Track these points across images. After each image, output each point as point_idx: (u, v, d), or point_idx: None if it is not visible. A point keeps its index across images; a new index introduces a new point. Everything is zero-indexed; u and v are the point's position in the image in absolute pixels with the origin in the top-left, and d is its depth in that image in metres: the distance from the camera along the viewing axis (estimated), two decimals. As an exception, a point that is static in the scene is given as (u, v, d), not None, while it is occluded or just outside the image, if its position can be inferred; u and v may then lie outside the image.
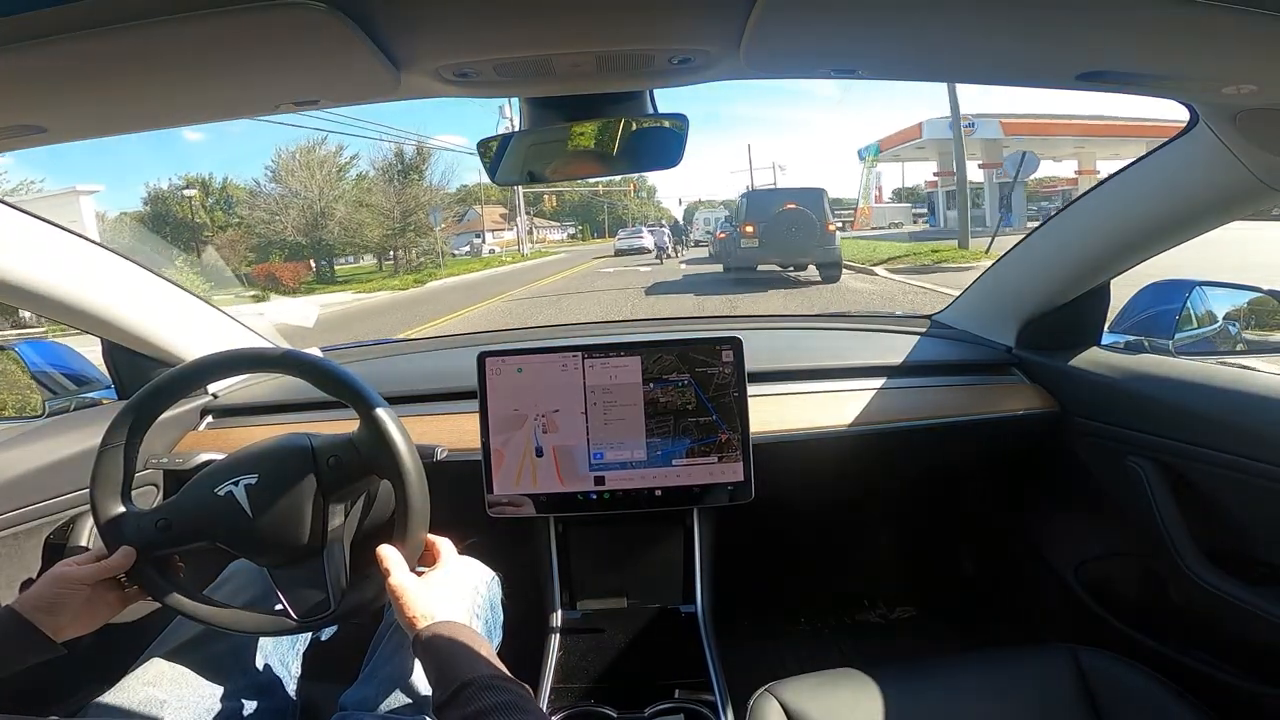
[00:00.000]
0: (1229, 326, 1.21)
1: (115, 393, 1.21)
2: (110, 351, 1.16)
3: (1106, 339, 1.22)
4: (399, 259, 22.56)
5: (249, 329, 1.33)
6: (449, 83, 0.61)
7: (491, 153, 0.80)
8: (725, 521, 1.20)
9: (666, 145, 0.77)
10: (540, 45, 0.56)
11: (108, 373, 1.20)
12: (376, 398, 0.74)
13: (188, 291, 1.21)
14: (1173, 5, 0.46)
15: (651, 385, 1.08)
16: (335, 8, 0.44)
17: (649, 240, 22.06)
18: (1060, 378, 1.20)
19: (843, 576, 1.65)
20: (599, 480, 1.08)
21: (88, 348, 1.28)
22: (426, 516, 0.73)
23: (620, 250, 22.55)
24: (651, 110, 0.75)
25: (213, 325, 1.24)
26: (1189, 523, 0.98)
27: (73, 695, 0.93)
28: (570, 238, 43.87)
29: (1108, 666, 0.84)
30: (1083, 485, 1.21)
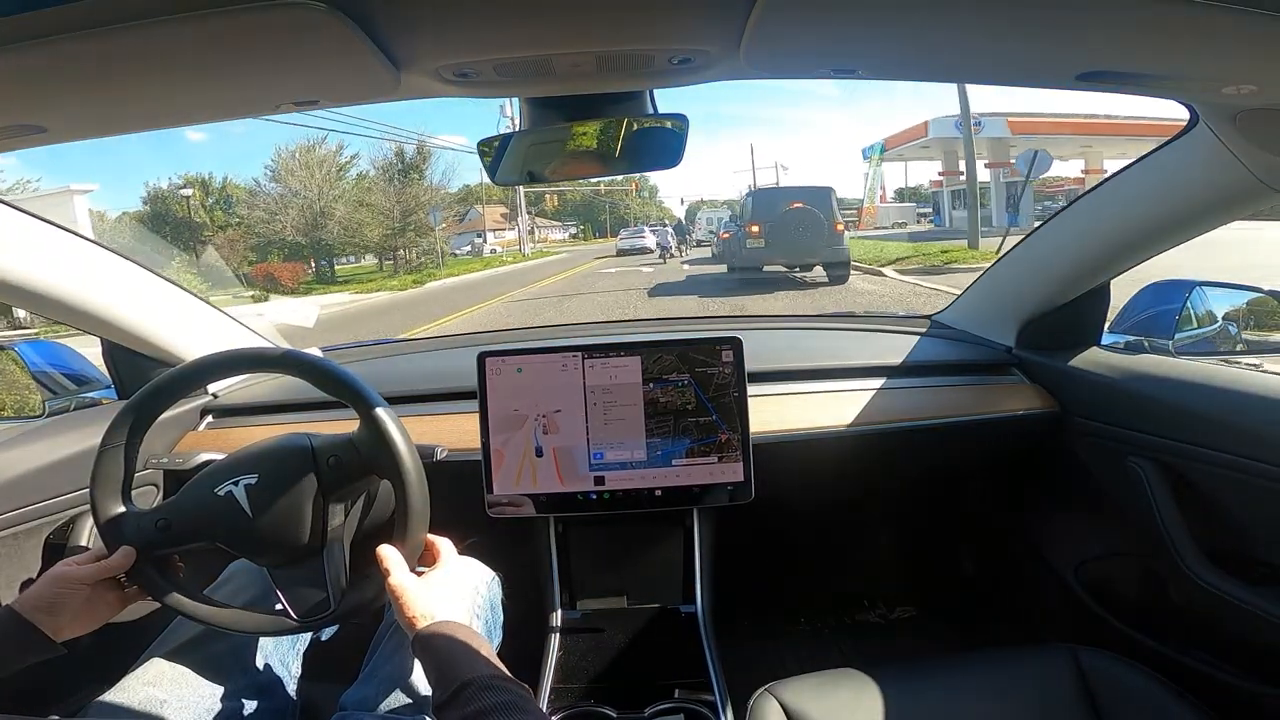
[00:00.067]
0: (1229, 326, 1.21)
1: (115, 393, 1.21)
2: (110, 351, 1.16)
3: (1106, 339, 1.22)
4: (399, 259, 22.53)
5: (249, 329, 1.33)
6: (449, 83, 0.61)
7: (492, 153, 0.80)
8: (725, 521, 1.20)
9: (667, 145, 0.77)
10: (540, 45, 0.56)
11: (108, 373, 1.20)
12: (376, 398, 0.74)
13: (188, 291, 1.21)
14: (1173, 5, 0.46)
15: (651, 385, 1.08)
16: (335, 8, 0.44)
17: (651, 240, 21.98)
18: (1060, 378, 1.20)
19: (843, 576, 1.65)
20: (599, 480, 1.08)
21: (88, 348, 1.28)
22: (426, 516, 0.73)
23: (622, 250, 22.45)
24: (651, 110, 0.75)
25: (213, 325, 1.24)
26: (1189, 523, 0.98)
27: (73, 695, 0.93)
28: (572, 237, 43.83)
29: (1108, 666, 0.84)
30: (1083, 485, 1.21)
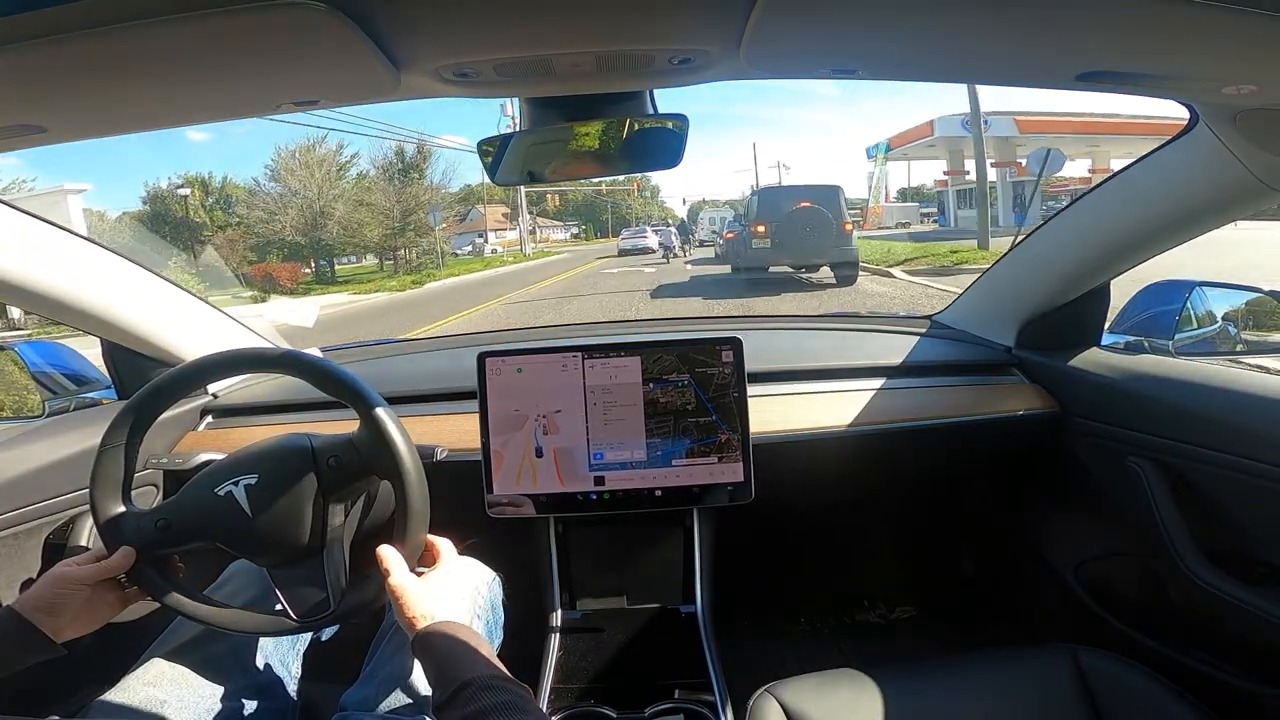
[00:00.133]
0: (1229, 327, 1.21)
1: (115, 393, 1.21)
2: (110, 351, 1.16)
3: (1106, 339, 1.22)
4: (399, 259, 22.50)
5: (249, 329, 1.33)
6: (449, 83, 0.61)
7: (492, 153, 0.80)
8: (725, 522, 1.20)
9: (667, 145, 0.77)
10: (540, 45, 0.56)
11: (108, 373, 1.20)
12: (376, 398, 0.74)
13: (187, 292, 1.21)
14: (1173, 5, 0.46)
15: (651, 385, 1.08)
16: (335, 8, 0.44)
17: (653, 240, 21.86)
18: (1060, 378, 1.20)
19: (843, 576, 1.65)
20: (599, 480, 1.08)
21: (89, 349, 1.28)
22: (426, 517, 0.73)
23: (624, 250, 22.32)
24: (652, 110, 0.75)
25: (213, 325, 1.24)
26: (1189, 523, 0.98)
27: (73, 695, 0.93)
28: (573, 237, 43.77)
29: (1107, 666, 0.84)
30: (1083, 485, 1.21)
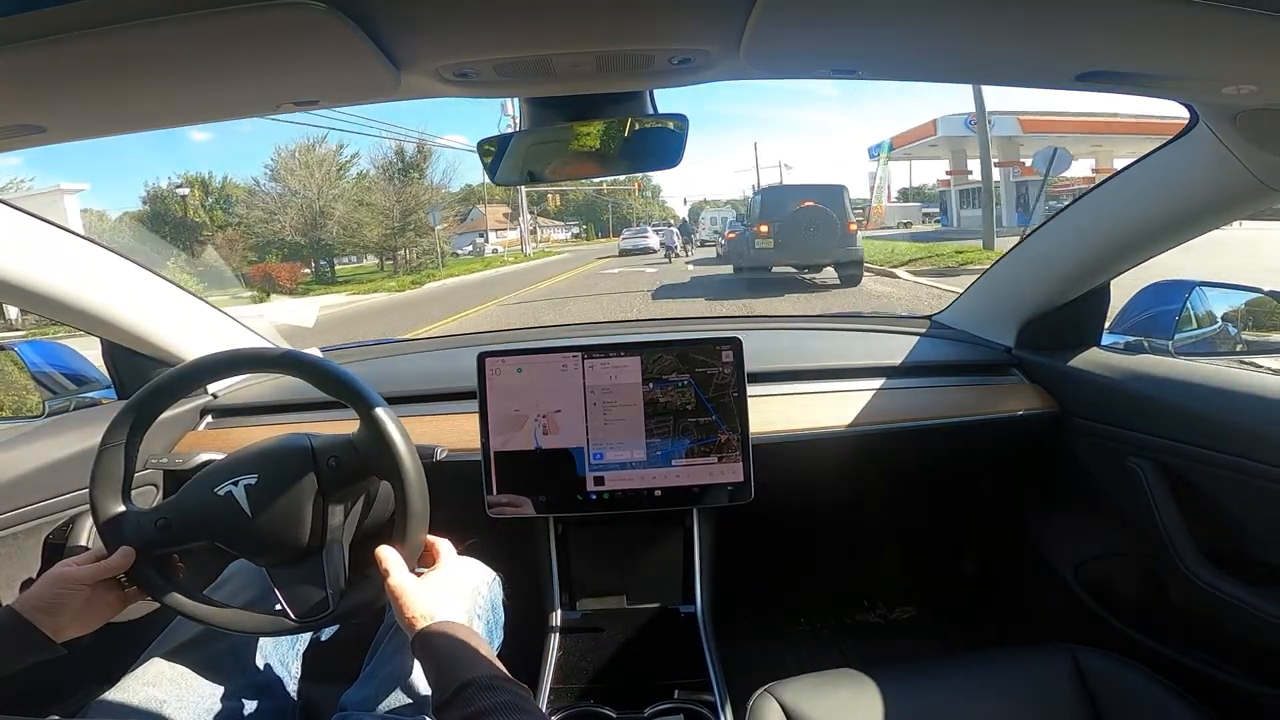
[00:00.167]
0: (1228, 327, 1.21)
1: (115, 393, 1.21)
2: (110, 351, 1.16)
3: (1106, 339, 1.22)
4: (399, 259, 22.48)
5: (249, 329, 1.33)
6: (449, 83, 0.61)
7: (492, 153, 0.80)
8: (725, 521, 1.20)
9: (666, 145, 0.77)
10: (540, 45, 0.56)
11: (108, 373, 1.20)
12: (376, 398, 0.74)
13: (187, 291, 1.21)
14: (1173, 5, 0.46)
15: (651, 385, 1.08)
16: (335, 8, 0.44)
17: (654, 240, 21.76)
18: (1060, 378, 1.20)
19: (843, 576, 1.65)
20: (598, 480, 1.08)
21: (89, 350, 1.28)
22: (426, 518, 0.73)
23: (625, 250, 22.21)
24: (651, 110, 0.75)
25: (213, 325, 1.25)
26: (1189, 523, 0.98)
27: (73, 695, 0.93)
28: (574, 237, 43.70)
29: (1107, 666, 0.84)
30: (1083, 485, 1.21)
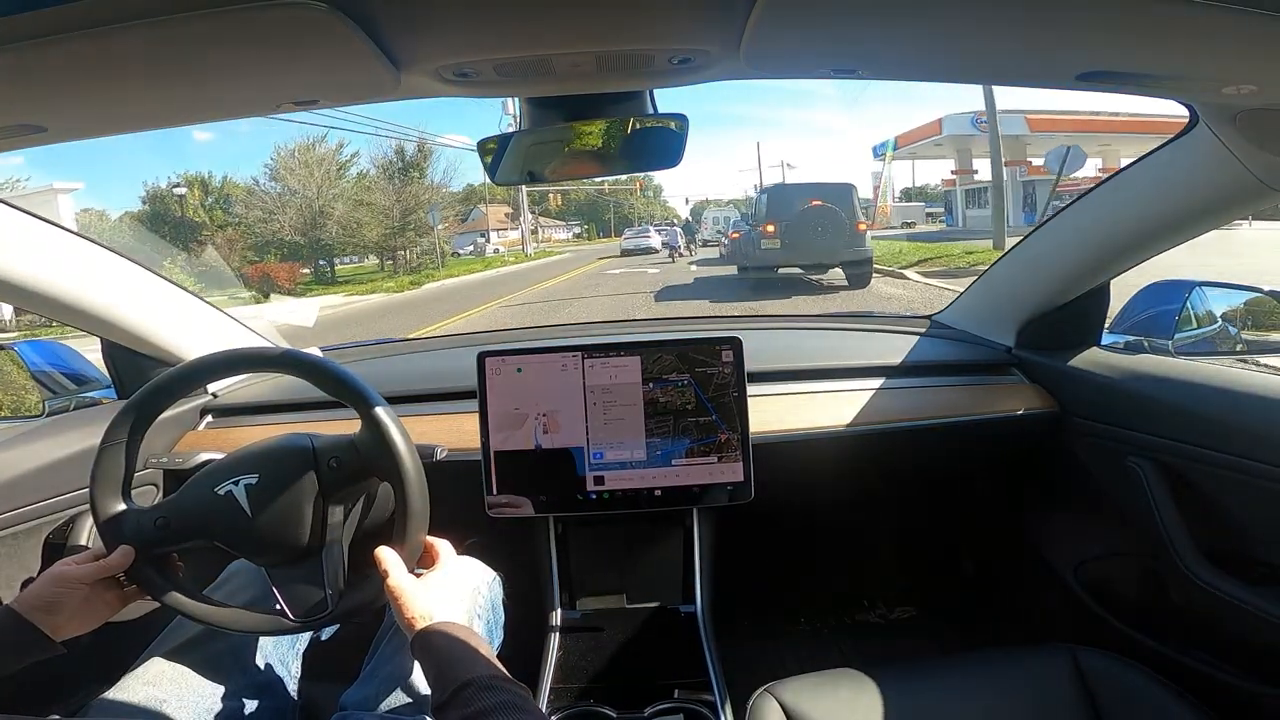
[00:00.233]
0: (1228, 327, 1.21)
1: (115, 393, 1.21)
2: (110, 351, 1.16)
3: (1106, 339, 1.22)
4: (399, 259, 22.43)
5: (248, 329, 1.33)
6: (449, 83, 0.61)
7: (492, 153, 0.80)
8: (725, 521, 1.20)
9: (666, 145, 0.77)
10: (540, 45, 0.56)
11: (108, 373, 1.20)
12: (377, 397, 0.74)
13: (187, 291, 1.21)
14: (1173, 5, 0.46)
15: (651, 385, 1.08)
16: (335, 8, 0.44)
17: (656, 240, 21.67)
18: (1060, 378, 1.20)
19: (843, 576, 1.65)
20: (598, 480, 1.08)
21: (89, 350, 1.28)
22: (426, 519, 0.73)
23: (627, 250, 22.08)
24: (651, 110, 0.75)
25: (212, 325, 1.25)
26: (1189, 523, 0.98)
27: (73, 695, 0.93)
28: (576, 237, 43.62)
29: (1107, 666, 0.84)
30: (1083, 485, 1.21)
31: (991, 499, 1.47)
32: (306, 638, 0.91)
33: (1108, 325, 1.23)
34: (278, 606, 0.74)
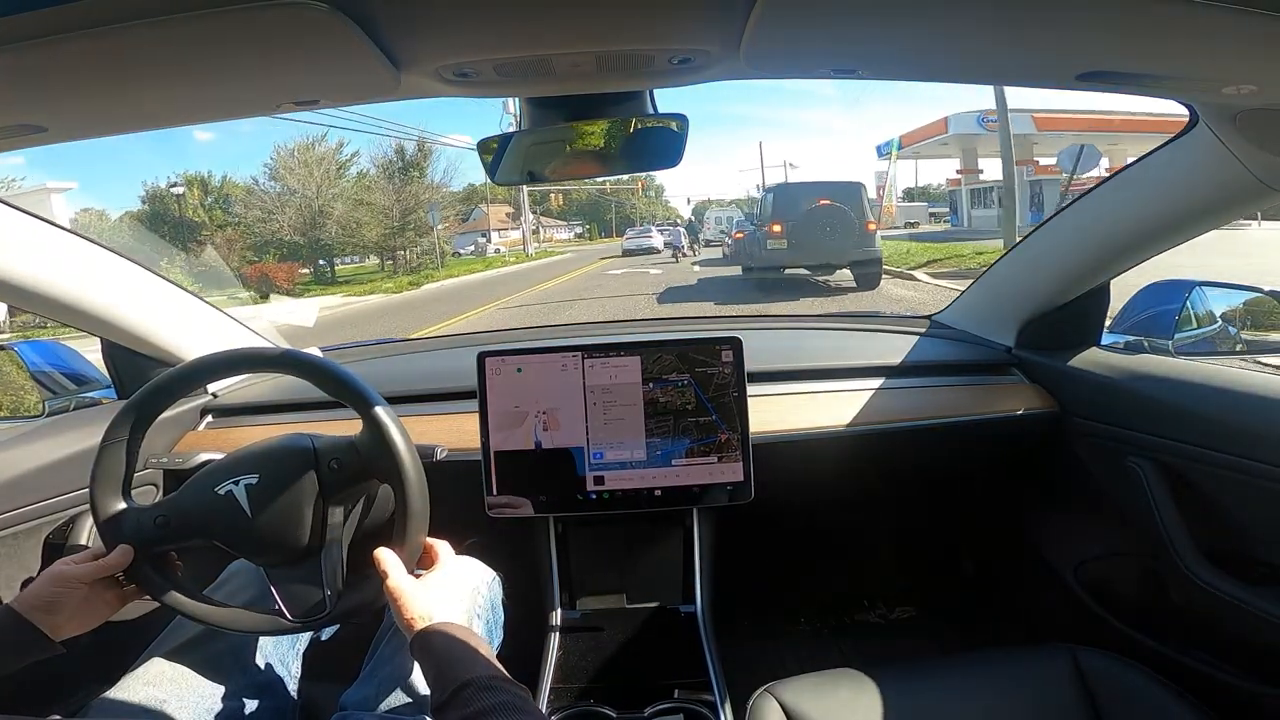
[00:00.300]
0: (1228, 327, 1.21)
1: (115, 393, 1.21)
2: (110, 351, 1.16)
3: (1106, 339, 1.22)
4: (399, 259, 22.38)
5: (248, 329, 1.33)
6: (449, 83, 0.61)
7: (492, 153, 0.80)
8: (725, 521, 1.20)
9: (666, 145, 0.77)
10: (540, 45, 0.56)
11: (108, 373, 1.20)
12: (377, 398, 0.73)
13: (187, 291, 1.21)
14: (1173, 5, 0.46)
15: (651, 385, 1.08)
16: (335, 8, 0.44)
17: (658, 240, 21.53)
18: (1060, 378, 1.20)
19: (843, 576, 1.65)
20: (598, 480, 1.08)
21: (89, 350, 1.28)
22: (426, 520, 0.73)
23: (628, 250, 21.82)
24: (652, 110, 0.75)
25: (212, 325, 1.25)
26: (1189, 523, 0.98)
27: (73, 695, 0.93)
28: (577, 237, 43.50)
29: (1107, 666, 0.84)
30: (1083, 485, 1.21)
31: (991, 499, 1.47)
32: (307, 638, 0.91)
33: (1108, 325, 1.23)
34: (276, 607, 0.74)
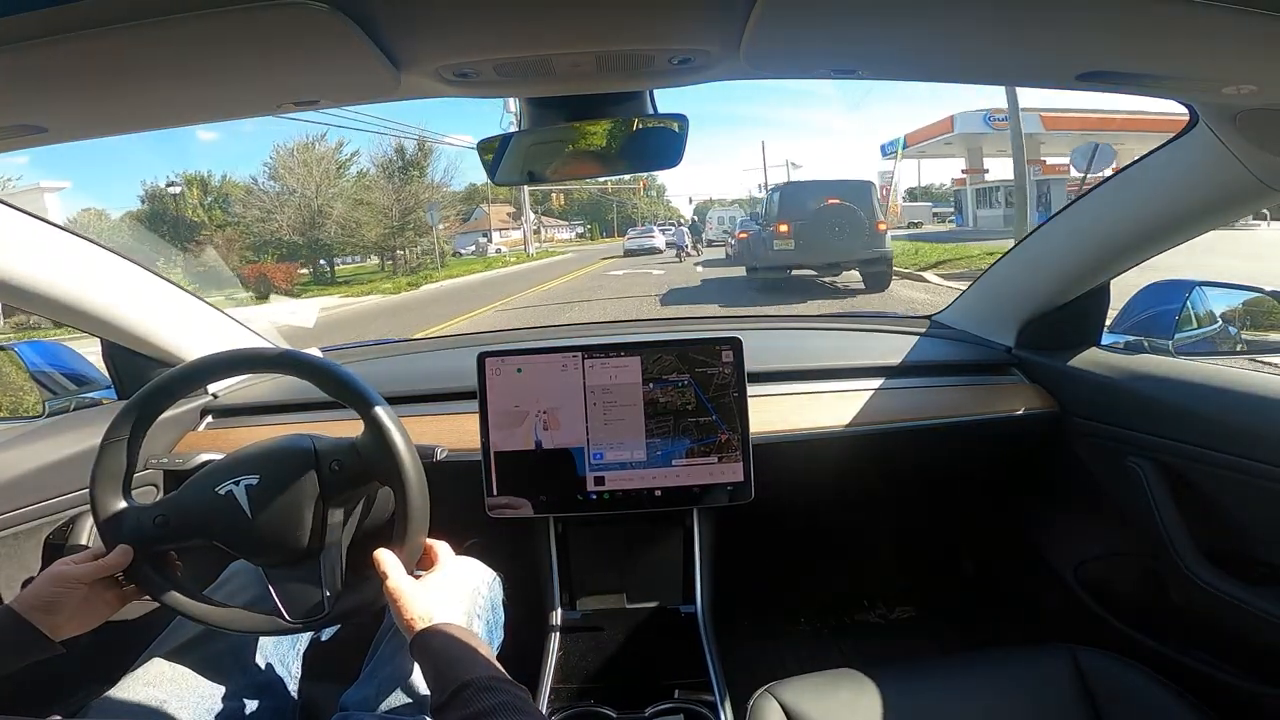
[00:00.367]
0: (1228, 327, 1.21)
1: (115, 393, 1.21)
2: (110, 351, 1.16)
3: (1106, 339, 1.22)
4: (399, 259, 22.33)
5: (249, 329, 1.33)
6: (449, 83, 0.61)
7: (492, 153, 0.80)
8: (725, 521, 1.20)
9: (666, 145, 0.77)
10: (540, 45, 0.56)
11: (108, 373, 1.20)
12: (377, 398, 0.73)
13: (188, 292, 1.21)
14: (1173, 5, 0.46)
15: (651, 385, 1.08)
16: (335, 8, 0.44)
17: (660, 240, 21.53)
18: (1060, 378, 1.20)
19: (843, 576, 1.65)
20: (599, 480, 1.08)
21: (89, 349, 1.28)
22: (426, 521, 0.73)
23: (630, 250, 21.79)
24: (652, 110, 0.75)
25: (213, 325, 1.25)
26: (1189, 523, 0.98)
27: (73, 695, 0.93)
28: (579, 237, 43.47)
29: (1107, 666, 0.84)
30: (1083, 485, 1.21)
31: (992, 499, 1.47)
32: (307, 638, 0.91)
33: (1108, 325, 1.23)
34: (275, 607, 0.74)
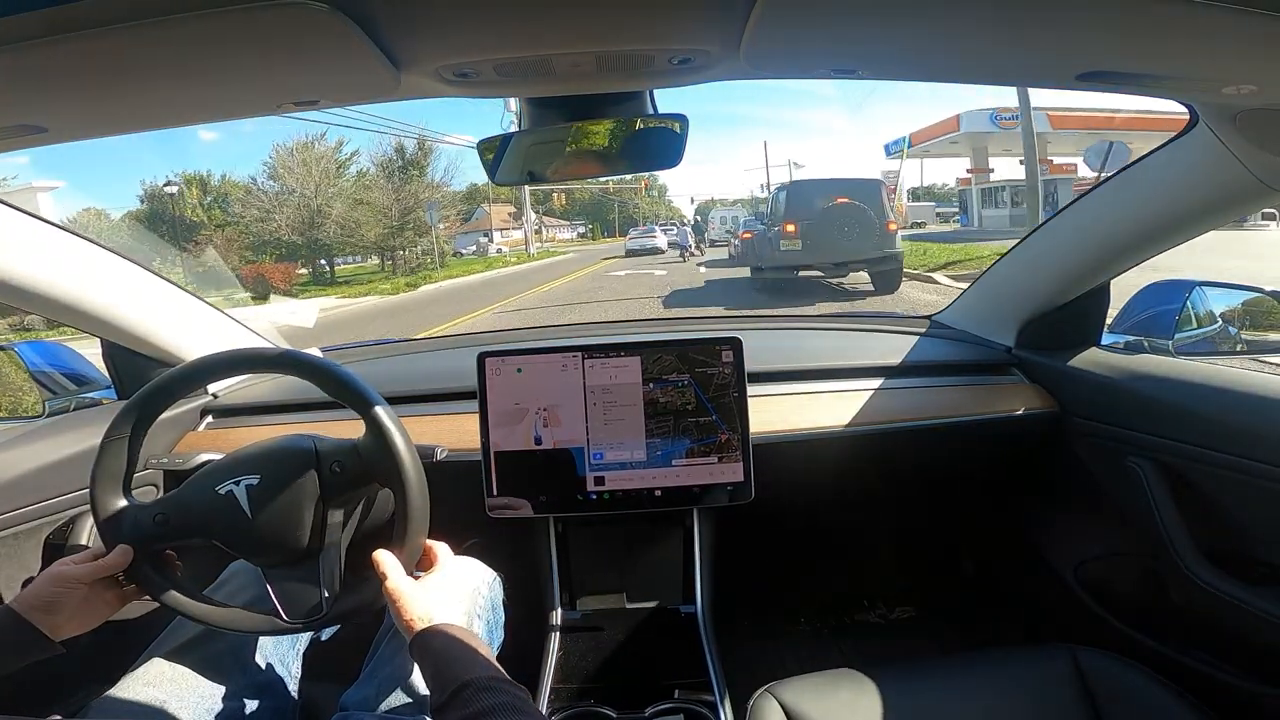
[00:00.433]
0: (1228, 327, 1.21)
1: (115, 393, 1.21)
2: (110, 351, 1.16)
3: (1106, 339, 1.22)
4: (399, 259, 22.29)
5: (249, 329, 1.33)
6: (449, 83, 0.61)
7: (492, 153, 0.80)
8: (725, 521, 1.20)
9: (666, 145, 0.77)
10: (540, 45, 0.56)
11: (108, 373, 1.20)
12: (377, 398, 0.73)
13: (188, 292, 1.21)
14: (1173, 5, 0.46)
15: (651, 385, 1.08)
16: (335, 8, 0.44)
17: (662, 240, 21.44)
18: (1060, 378, 1.20)
19: (843, 576, 1.65)
20: (599, 480, 1.08)
21: (89, 349, 1.28)
22: (426, 522, 0.73)
23: (631, 251, 21.60)
24: (652, 110, 0.75)
25: (213, 325, 1.25)
26: (1189, 523, 0.98)
27: (73, 695, 0.93)
28: (580, 237, 43.41)
29: (1107, 666, 0.85)
30: (1083, 485, 1.21)
31: (992, 499, 1.47)
32: (307, 638, 0.91)
33: (1108, 325, 1.23)
34: (274, 607, 0.74)
